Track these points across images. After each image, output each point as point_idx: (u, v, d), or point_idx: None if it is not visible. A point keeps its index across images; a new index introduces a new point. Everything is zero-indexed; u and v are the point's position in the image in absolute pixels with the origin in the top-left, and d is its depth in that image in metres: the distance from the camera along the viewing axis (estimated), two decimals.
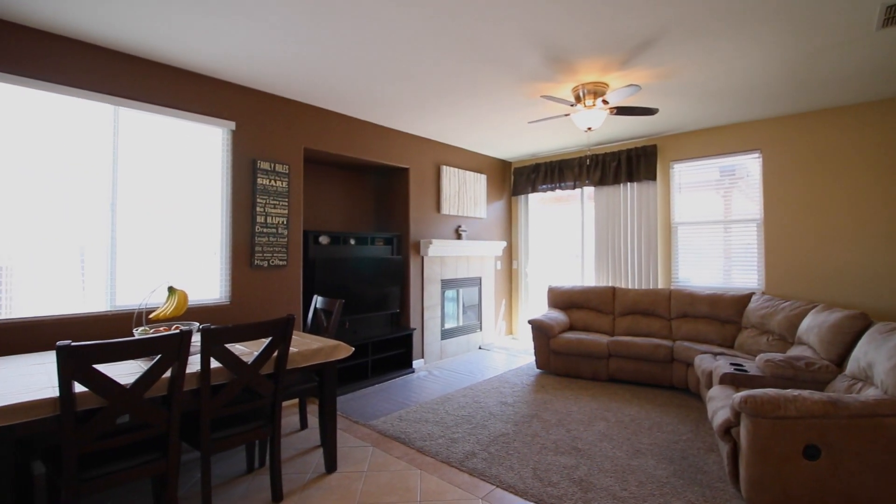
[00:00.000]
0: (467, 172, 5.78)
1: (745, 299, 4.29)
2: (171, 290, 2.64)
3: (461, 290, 5.80)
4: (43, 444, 2.09)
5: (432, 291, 5.27)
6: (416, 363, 5.02)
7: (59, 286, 2.77)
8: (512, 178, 6.62)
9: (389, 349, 4.81)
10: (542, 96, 3.38)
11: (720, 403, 2.61)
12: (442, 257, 5.39)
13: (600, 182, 5.53)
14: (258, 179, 3.64)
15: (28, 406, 1.65)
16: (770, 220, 4.48)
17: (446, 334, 5.49)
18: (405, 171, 5.07)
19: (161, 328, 2.41)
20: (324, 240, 4.41)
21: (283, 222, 3.81)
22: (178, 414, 1.96)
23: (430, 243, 5.03)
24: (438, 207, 5.41)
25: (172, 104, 3.21)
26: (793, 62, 3.15)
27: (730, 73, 3.33)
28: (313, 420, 3.45)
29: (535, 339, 4.81)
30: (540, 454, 2.85)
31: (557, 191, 6.04)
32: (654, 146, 5.12)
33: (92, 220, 2.89)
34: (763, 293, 4.38)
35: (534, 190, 6.23)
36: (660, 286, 5.16)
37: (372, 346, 4.59)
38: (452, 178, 5.55)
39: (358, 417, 3.50)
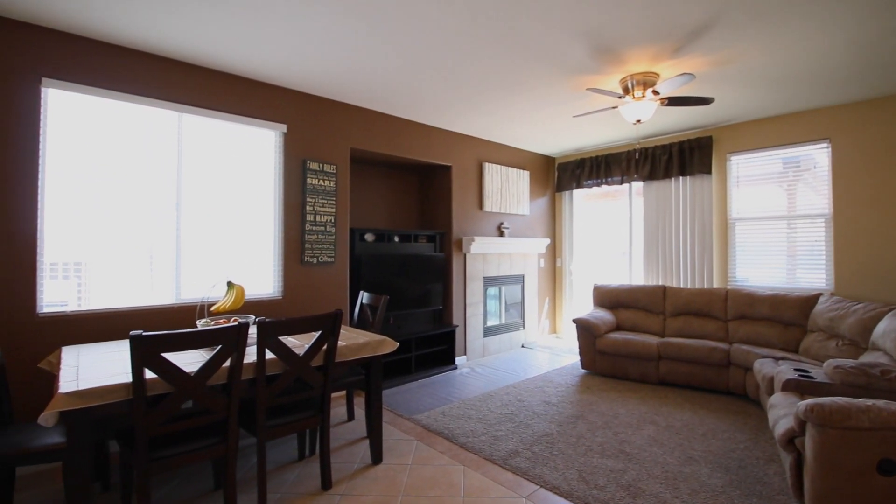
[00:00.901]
0: (510, 169, 5.73)
1: (811, 300, 3.99)
2: (230, 284, 2.80)
3: (503, 288, 5.77)
4: (116, 426, 2.27)
5: (475, 289, 5.27)
6: (458, 360, 5.05)
7: (130, 280, 3.01)
8: (556, 173, 6.49)
9: (432, 345, 4.86)
10: (588, 89, 3.29)
11: (783, 411, 2.45)
12: (484, 254, 5.38)
13: (650, 176, 5.32)
14: (308, 179, 3.78)
15: (105, 390, 1.80)
16: (840, 214, 4.14)
17: (489, 332, 5.48)
18: (448, 168, 5.10)
19: (221, 320, 2.56)
20: (369, 237, 4.51)
21: (330, 220, 3.94)
22: (237, 401, 2.08)
23: (473, 241, 5.03)
24: (481, 205, 5.40)
25: (230, 109, 3.39)
26: (865, 43, 2.89)
27: (795, 56, 3.10)
28: (360, 412, 3.55)
29: (580, 338, 4.71)
30: (585, 456, 2.79)
31: (604, 186, 5.86)
32: (710, 138, 4.86)
33: (159, 220, 3.12)
34: (832, 294, 4.06)
35: (578, 186, 6.08)
36: (715, 286, 4.90)
37: (415, 341, 4.66)
38: (495, 175, 5.52)
39: (402, 411, 3.57)
